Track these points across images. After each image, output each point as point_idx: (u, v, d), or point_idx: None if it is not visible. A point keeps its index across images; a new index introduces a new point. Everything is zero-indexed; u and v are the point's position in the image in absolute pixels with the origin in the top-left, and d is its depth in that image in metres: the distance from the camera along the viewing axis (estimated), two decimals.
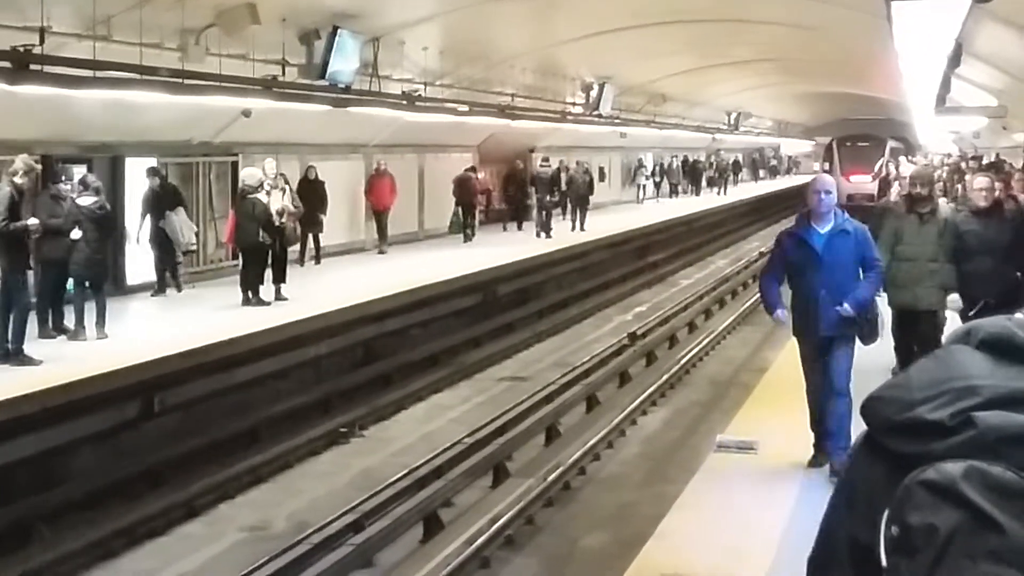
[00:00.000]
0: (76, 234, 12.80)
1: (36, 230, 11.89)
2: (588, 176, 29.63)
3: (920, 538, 1.30)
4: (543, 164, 28.27)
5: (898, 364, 10.03)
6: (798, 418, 8.39)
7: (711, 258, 33.95)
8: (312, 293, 16.61)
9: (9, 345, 11.66)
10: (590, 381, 15.53)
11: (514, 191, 29.31)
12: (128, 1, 13.58)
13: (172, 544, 10.29)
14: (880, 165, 34.94)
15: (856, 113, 54.29)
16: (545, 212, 26.88)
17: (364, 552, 9.32)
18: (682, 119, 40.20)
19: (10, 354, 11.61)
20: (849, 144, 45.33)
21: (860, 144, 44.77)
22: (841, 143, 45.91)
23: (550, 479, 11.30)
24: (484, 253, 22.60)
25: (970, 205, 10.16)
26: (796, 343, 8.53)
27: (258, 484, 11.90)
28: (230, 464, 11.86)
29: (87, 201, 13.10)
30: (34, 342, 12.18)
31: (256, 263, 15.81)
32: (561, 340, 20.35)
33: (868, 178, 38.33)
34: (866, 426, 1.45)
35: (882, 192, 21.56)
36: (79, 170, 14.66)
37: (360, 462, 12.86)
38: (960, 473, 1.30)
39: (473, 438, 12.46)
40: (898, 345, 10.24)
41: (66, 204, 12.82)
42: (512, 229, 28.46)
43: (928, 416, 1.35)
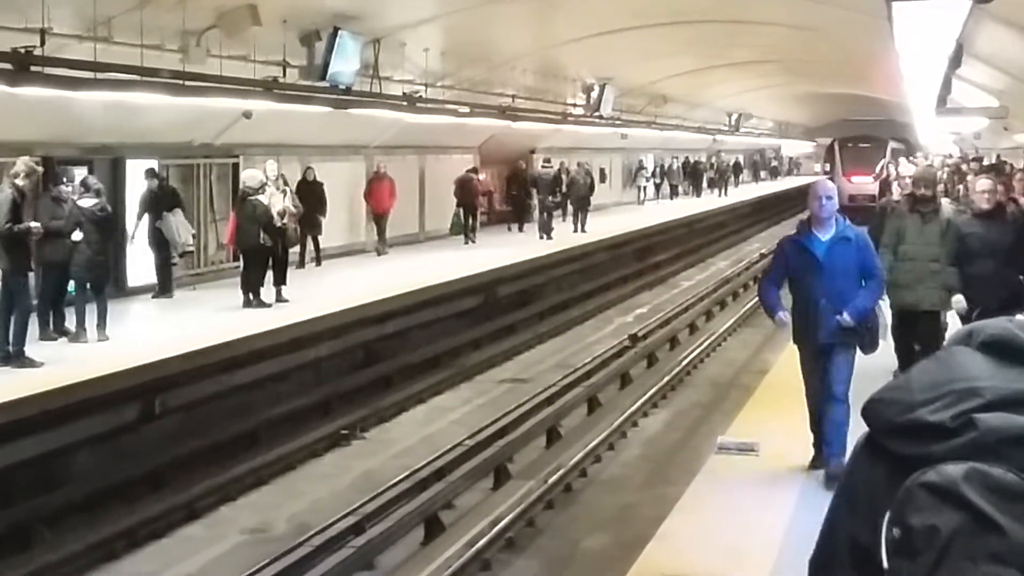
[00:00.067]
0: (77, 236, 12.81)
1: (37, 232, 11.91)
2: (589, 177, 29.61)
3: (921, 540, 1.30)
4: (545, 165, 28.25)
5: (899, 365, 9.98)
6: (799, 420, 8.38)
7: (712, 259, 33.92)
8: (313, 295, 16.61)
9: (10, 347, 11.66)
10: (591, 383, 15.52)
11: (517, 192, 29.22)
12: (129, 2, 13.58)
13: (173, 546, 10.29)
14: (881, 166, 34.94)
15: (857, 114, 54.25)
16: (547, 213, 26.88)
17: (365, 554, 9.32)
18: (683, 120, 40.20)
19: (11, 356, 11.61)
20: (851, 145, 45.51)
21: (862, 145, 44.91)
22: (843, 144, 46.06)
23: (551, 481, 11.29)
24: (485, 255, 22.60)
25: (972, 208, 10.06)
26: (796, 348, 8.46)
27: (259, 486, 11.90)
28: (231, 466, 11.86)
29: (88, 203, 13.10)
30: (35, 344, 12.19)
31: (257, 265, 15.80)
32: (562, 342, 20.35)
33: (870, 179, 38.31)
34: (867, 428, 1.45)
35: (882, 193, 21.55)
36: (80, 172, 14.66)
37: (361, 464, 12.86)
38: (961, 475, 1.30)
39: (474, 440, 12.47)
40: (899, 346, 10.17)
41: (67, 206, 12.83)
42: (514, 230, 28.44)
43: (929, 418, 1.35)
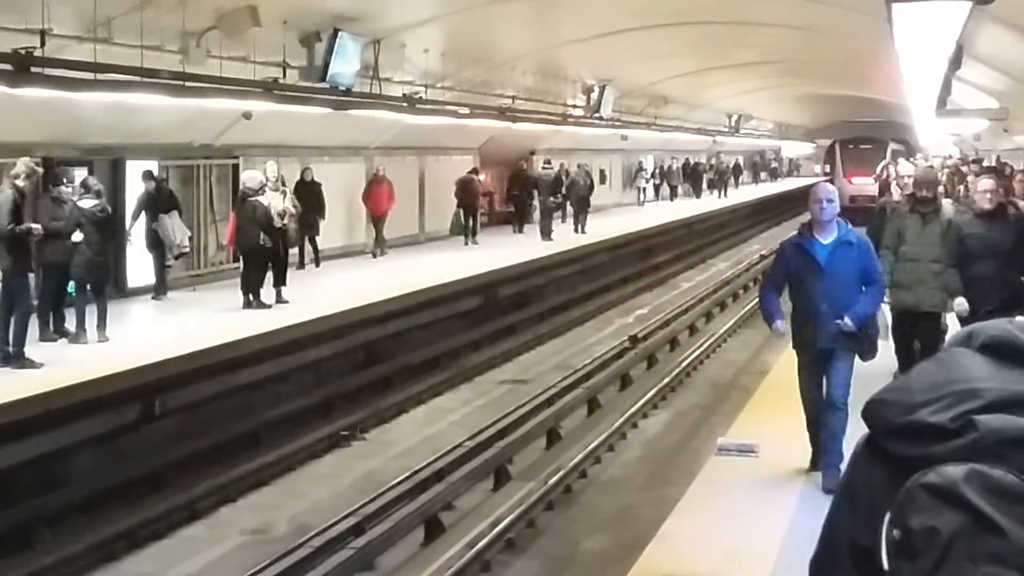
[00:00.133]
0: (77, 237, 12.81)
1: (38, 233, 11.91)
2: (588, 179, 29.59)
3: (921, 541, 1.30)
4: (546, 166, 28.23)
5: (899, 366, 9.94)
6: (799, 421, 8.36)
7: (712, 261, 33.93)
8: (312, 296, 16.60)
9: (10, 348, 11.66)
10: (591, 384, 15.51)
11: (519, 193, 29.07)
12: (129, 3, 13.58)
13: (173, 547, 10.29)
14: (882, 167, 35.01)
15: (857, 115, 54.23)
16: (547, 214, 26.86)
17: (365, 555, 9.32)
18: (683, 122, 40.20)
19: (11, 357, 11.61)
20: (851, 147, 45.83)
21: (862, 147, 45.16)
22: (843, 146, 46.37)
23: (551, 482, 11.29)
24: (485, 256, 22.59)
25: (974, 208, 9.97)
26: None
27: (259, 487, 11.90)
28: (231, 467, 11.86)
29: (88, 204, 13.09)
30: (35, 345, 12.18)
31: (257, 266, 15.80)
32: (562, 343, 20.35)
33: (870, 180, 38.39)
34: (867, 429, 1.45)
35: (882, 192, 21.54)
36: (80, 173, 14.67)
37: (361, 465, 12.86)
38: (961, 476, 1.30)
39: (474, 441, 12.46)
40: (899, 347, 10.14)
41: (67, 207, 12.83)
42: (515, 231, 28.40)
43: (929, 419, 1.35)
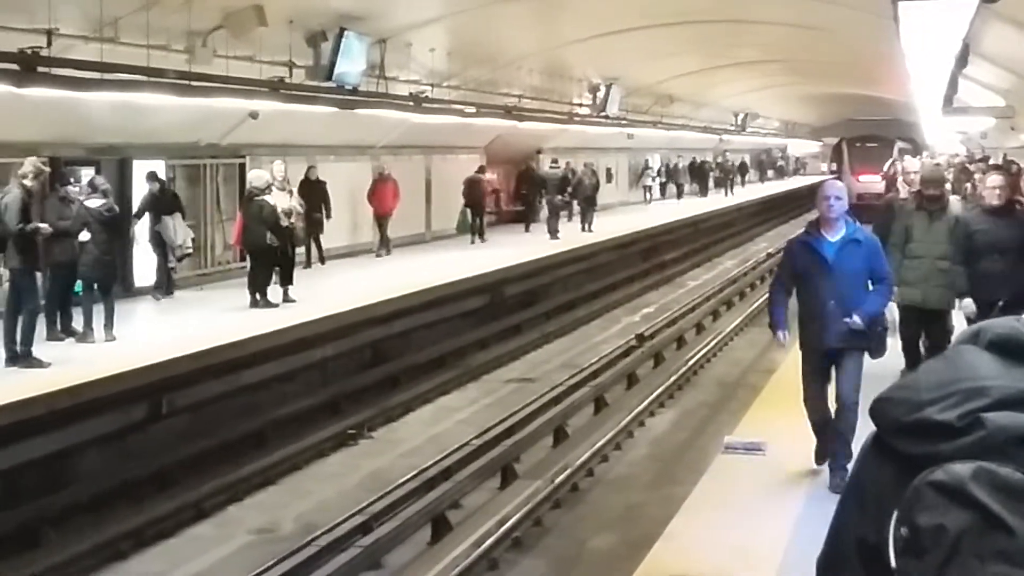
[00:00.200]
0: (84, 236, 12.83)
1: (45, 232, 11.94)
2: (594, 177, 29.58)
3: (929, 539, 1.30)
4: (553, 165, 28.20)
5: (905, 364, 9.91)
6: (806, 420, 8.34)
7: (718, 259, 33.90)
8: (319, 295, 16.61)
9: (18, 347, 11.68)
10: (598, 382, 15.51)
11: (528, 192, 28.97)
12: (135, 3, 13.59)
13: (181, 546, 10.30)
14: (889, 165, 35.10)
15: (863, 114, 54.25)
16: (555, 213, 26.86)
17: (372, 554, 9.32)
18: (689, 120, 40.19)
19: (19, 356, 11.63)
20: (859, 145, 46.19)
21: (869, 145, 45.43)
22: (851, 144, 46.78)
23: (558, 481, 11.28)
24: (491, 255, 22.59)
25: (982, 204, 9.89)
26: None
27: (266, 486, 11.91)
28: (239, 466, 11.87)
29: (95, 203, 13.11)
30: (42, 344, 12.19)
31: (264, 265, 15.82)
32: (569, 341, 20.34)
33: (877, 178, 38.49)
34: (875, 427, 1.45)
35: (888, 189, 21.52)
36: (87, 172, 14.69)
37: (368, 464, 12.86)
38: (969, 474, 1.30)
39: (481, 440, 12.46)
40: (906, 345, 10.13)
41: (74, 206, 12.85)
42: (521, 230, 28.37)
43: (937, 417, 1.35)
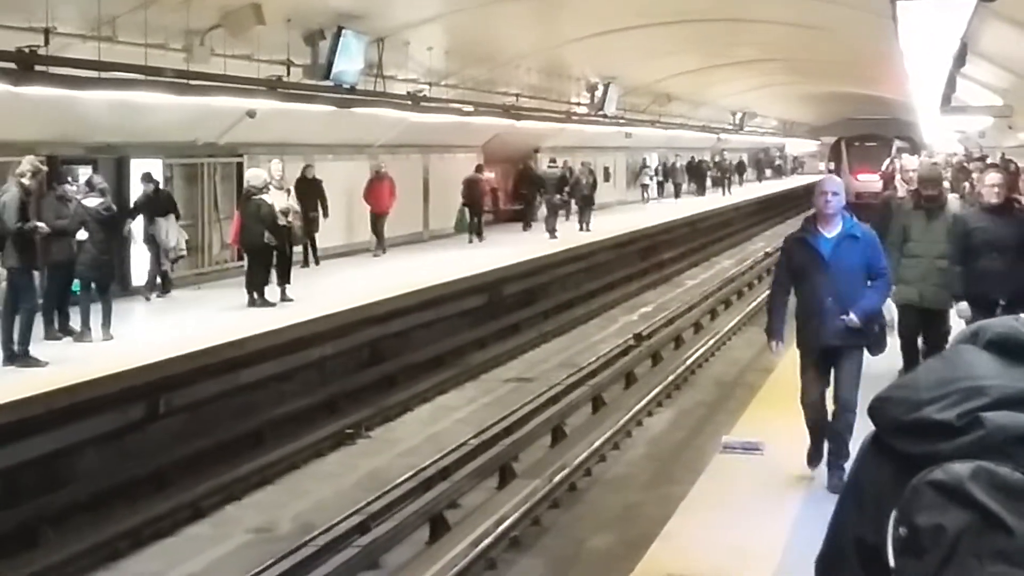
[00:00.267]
0: (82, 235, 12.82)
1: (43, 231, 11.93)
2: (592, 176, 29.59)
3: (928, 538, 1.30)
4: (551, 165, 28.19)
5: (903, 364, 9.90)
6: (803, 419, 8.34)
7: (716, 258, 33.91)
8: (316, 294, 16.61)
9: (15, 347, 11.68)
10: (596, 382, 15.50)
11: (528, 191, 28.83)
12: (133, 2, 13.58)
13: (178, 545, 10.29)
14: (887, 164, 35.23)
15: (861, 113, 54.38)
16: (553, 212, 26.85)
17: (370, 553, 9.32)
18: (687, 119, 40.20)
19: (16, 355, 11.63)
20: (857, 144, 46.47)
21: (868, 144, 45.65)
22: (849, 143, 47.13)
23: (556, 480, 11.28)
24: (489, 254, 22.59)
25: (981, 202, 9.87)
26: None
27: (264, 485, 11.90)
28: (236, 465, 11.86)
29: (93, 202, 13.10)
30: (40, 344, 12.19)
31: (261, 264, 15.82)
32: (567, 341, 20.34)
33: (876, 177, 38.63)
34: (874, 426, 1.44)
35: (885, 187, 21.56)
36: (84, 171, 14.67)
37: (366, 463, 12.85)
38: (968, 473, 1.30)
39: (479, 439, 12.45)
40: (904, 345, 10.11)
41: (72, 205, 12.84)
42: (519, 229, 28.35)
43: (936, 416, 1.35)
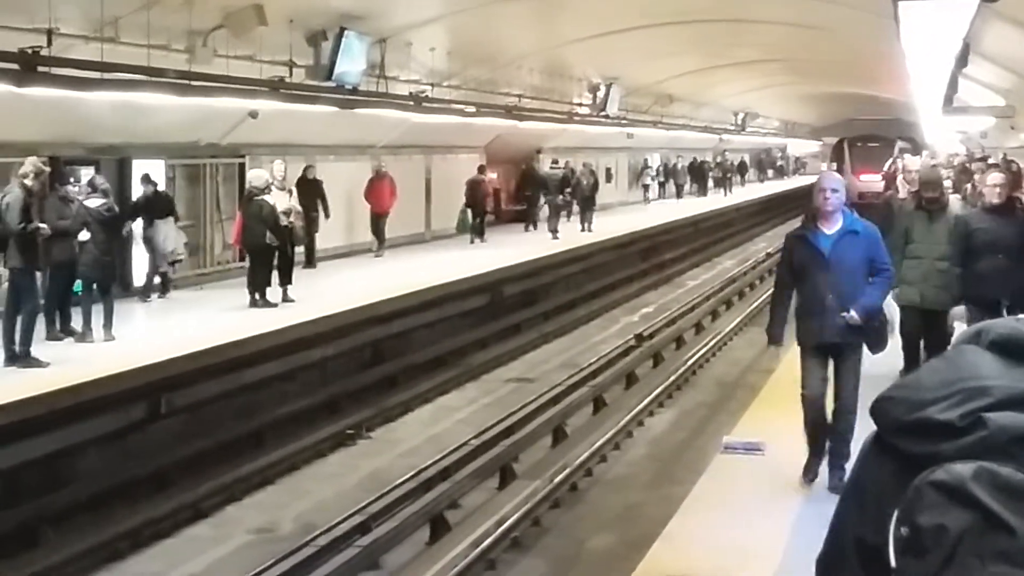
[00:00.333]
0: (84, 236, 12.83)
1: (45, 232, 11.93)
2: (593, 177, 29.58)
3: (929, 539, 1.30)
4: (554, 166, 28.18)
5: (905, 364, 9.89)
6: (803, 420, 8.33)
7: (718, 259, 33.92)
8: (318, 295, 16.61)
9: (17, 347, 11.68)
10: (597, 382, 15.51)
11: (531, 192, 28.71)
12: (135, 3, 13.59)
13: (179, 546, 10.29)
14: (890, 164, 35.32)
15: (863, 113, 54.39)
16: (556, 213, 26.84)
17: (371, 554, 9.32)
18: (689, 120, 40.21)
19: (18, 356, 11.63)
20: (860, 144, 46.79)
21: (870, 144, 45.89)
22: (852, 144, 47.43)
23: (557, 480, 11.28)
24: (491, 254, 22.59)
25: (982, 202, 9.86)
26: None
27: (265, 486, 11.90)
28: (237, 466, 11.87)
29: (95, 203, 13.11)
30: (41, 344, 12.19)
31: (263, 265, 15.82)
32: (568, 341, 20.34)
33: (878, 177, 38.71)
34: (876, 426, 1.44)
35: (887, 187, 21.56)
36: (87, 172, 14.69)
37: (367, 464, 12.86)
38: (970, 474, 1.30)
39: (480, 440, 12.45)
40: (905, 345, 10.10)
41: (74, 206, 12.85)
42: (520, 229, 28.33)
43: (938, 416, 1.35)
